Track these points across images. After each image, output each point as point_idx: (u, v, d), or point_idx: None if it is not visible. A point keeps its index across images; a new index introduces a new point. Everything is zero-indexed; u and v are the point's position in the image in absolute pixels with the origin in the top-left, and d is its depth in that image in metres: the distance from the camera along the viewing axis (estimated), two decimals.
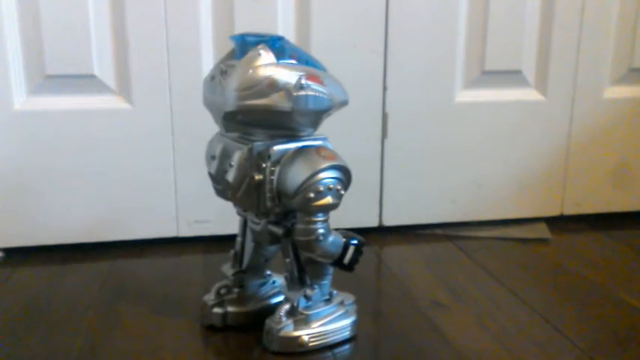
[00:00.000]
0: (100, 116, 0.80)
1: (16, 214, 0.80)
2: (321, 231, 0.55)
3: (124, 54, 0.79)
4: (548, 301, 0.70)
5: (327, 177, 0.54)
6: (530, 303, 0.69)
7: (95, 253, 0.82)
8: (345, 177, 0.56)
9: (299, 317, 0.58)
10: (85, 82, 0.79)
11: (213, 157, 0.58)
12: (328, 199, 0.54)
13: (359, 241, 0.58)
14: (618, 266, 0.81)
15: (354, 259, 0.58)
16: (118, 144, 0.81)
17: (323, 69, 0.56)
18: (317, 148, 0.56)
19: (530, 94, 0.92)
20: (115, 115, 0.80)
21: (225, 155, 0.57)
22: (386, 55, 0.85)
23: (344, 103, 0.57)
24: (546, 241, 0.90)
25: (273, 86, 0.52)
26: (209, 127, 0.83)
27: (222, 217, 0.86)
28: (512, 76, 0.91)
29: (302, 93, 0.53)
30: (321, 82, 0.54)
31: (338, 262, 0.58)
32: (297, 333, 0.58)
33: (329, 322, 0.59)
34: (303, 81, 0.53)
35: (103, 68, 0.79)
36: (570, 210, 0.97)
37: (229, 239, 0.86)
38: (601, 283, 0.75)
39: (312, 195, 0.53)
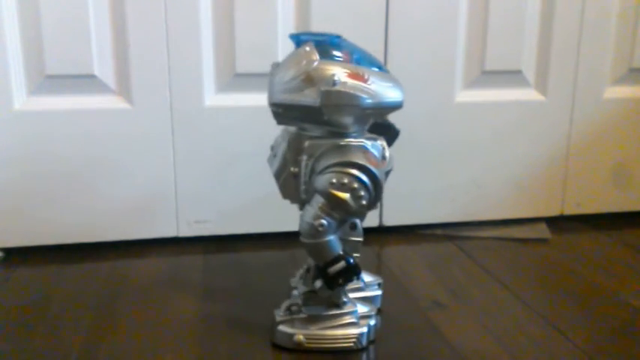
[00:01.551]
0: (100, 116, 0.80)
1: (16, 214, 0.80)
2: (323, 222, 0.54)
3: (124, 54, 0.79)
4: (548, 301, 0.70)
5: (357, 175, 0.53)
6: (530, 303, 0.69)
7: (95, 253, 0.82)
8: (375, 189, 0.54)
9: (300, 316, 0.58)
10: (85, 82, 0.79)
11: (272, 148, 0.61)
12: (346, 196, 0.53)
13: (354, 264, 0.56)
14: (618, 266, 0.81)
15: (338, 277, 0.56)
16: (118, 144, 0.81)
17: (381, 69, 0.56)
18: (361, 148, 0.55)
19: (530, 94, 0.92)
20: (115, 115, 0.80)
21: (278, 147, 0.60)
22: (386, 55, 0.85)
23: (393, 104, 0.56)
24: (546, 241, 0.90)
25: (308, 81, 0.53)
26: (209, 126, 0.83)
27: (222, 217, 0.86)
28: (512, 76, 0.91)
29: (331, 89, 0.53)
30: (363, 80, 0.53)
31: (323, 269, 0.56)
32: (294, 331, 0.58)
33: (331, 327, 0.58)
34: (336, 77, 0.52)
35: (103, 68, 0.79)
36: (570, 210, 0.97)
37: (229, 239, 0.87)
38: (601, 282, 0.75)
39: (334, 180, 0.53)
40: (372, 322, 0.60)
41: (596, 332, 0.63)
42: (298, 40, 0.56)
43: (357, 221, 0.58)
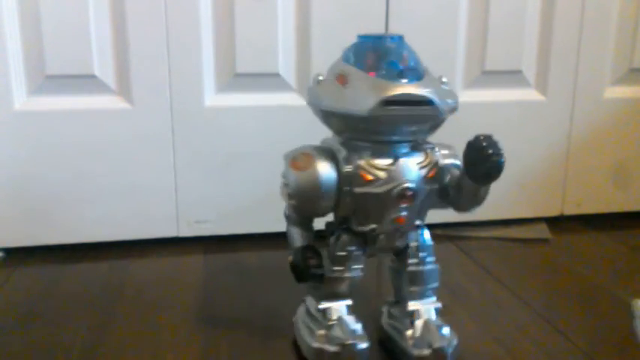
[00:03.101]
0: (100, 116, 0.80)
1: (16, 214, 0.80)
2: (285, 210, 0.57)
3: (124, 54, 0.79)
4: (548, 301, 0.70)
5: (286, 176, 0.53)
6: (530, 303, 0.69)
7: (95, 253, 0.82)
8: (294, 188, 0.52)
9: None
10: (85, 82, 0.79)
11: None
12: (283, 192, 0.54)
13: (294, 264, 0.54)
14: (618, 266, 0.81)
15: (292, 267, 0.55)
16: (118, 144, 0.81)
17: (411, 79, 0.50)
18: (306, 150, 0.53)
19: (531, 94, 0.92)
20: (115, 115, 0.80)
21: None
22: None
23: (347, 112, 0.50)
24: (546, 241, 0.90)
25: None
26: (209, 127, 0.83)
27: (222, 217, 0.86)
28: (512, 76, 0.91)
29: (310, 87, 0.54)
30: (342, 83, 0.51)
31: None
32: (299, 311, 0.60)
33: (304, 326, 0.57)
34: (320, 77, 0.53)
35: (103, 68, 0.79)
36: (570, 210, 0.97)
37: (229, 239, 0.87)
38: (601, 283, 0.75)
39: (282, 174, 0.54)
40: (333, 349, 0.53)
41: (596, 332, 0.63)
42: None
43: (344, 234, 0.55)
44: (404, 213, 0.53)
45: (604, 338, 0.61)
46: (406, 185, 0.52)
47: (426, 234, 0.57)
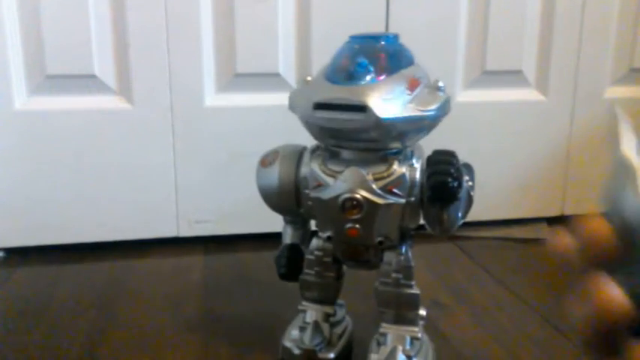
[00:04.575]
0: (100, 116, 0.80)
1: (16, 214, 0.80)
2: None
3: (124, 54, 0.79)
4: (548, 301, 0.70)
5: (256, 172, 0.55)
6: (530, 303, 0.69)
7: (95, 253, 0.82)
8: (257, 184, 0.54)
9: None
10: (85, 82, 0.79)
11: None
12: None
13: (275, 259, 0.55)
14: None
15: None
16: (118, 144, 0.81)
17: (363, 79, 0.46)
18: (283, 147, 0.54)
19: (531, 94, 0.92)
20: (115, 115, 0.80)
21: None
22: None
23: (294, 111, 0.49)
24: (547, 242, 0.89)
25: None
26: (209, 127, 0.83)
27: (222, 217, 0.86)
28: (512, 76, 0.91)
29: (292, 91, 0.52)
30: (307, 83, 0.50)
31: None
32: None
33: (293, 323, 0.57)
34: (309, 78, 0.50)
35: (103, 68, 0.79)
36: (571, 210, 0.97)
37: (229, 239, 0.87)
38: None
39: None
40: (297, 352, 0.52)
41: None
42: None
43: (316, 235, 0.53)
44: (356, 225, 0.48)
45: None
46: (348, 195, 0.47)
47: (408, 254, 0.51)
